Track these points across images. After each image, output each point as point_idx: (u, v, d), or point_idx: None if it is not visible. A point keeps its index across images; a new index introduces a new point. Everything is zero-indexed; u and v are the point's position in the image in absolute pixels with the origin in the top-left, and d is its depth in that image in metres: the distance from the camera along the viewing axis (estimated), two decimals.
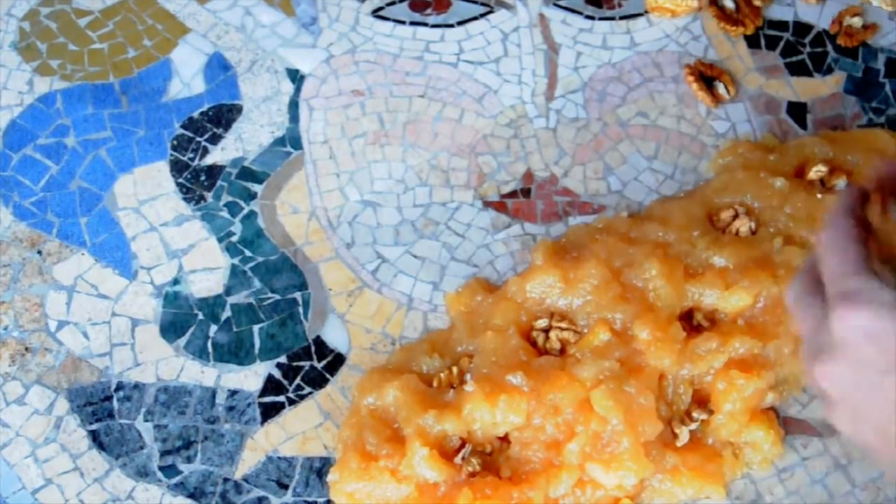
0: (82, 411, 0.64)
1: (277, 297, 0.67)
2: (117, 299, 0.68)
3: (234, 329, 0.66)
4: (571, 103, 0.75)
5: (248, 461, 0.62)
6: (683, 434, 0.60)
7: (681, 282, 0.62)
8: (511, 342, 0.61)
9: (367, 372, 0.63)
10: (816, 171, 0.68)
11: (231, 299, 0.67)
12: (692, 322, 0.63)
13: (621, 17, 0.80)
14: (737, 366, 0.60)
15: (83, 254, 0.69)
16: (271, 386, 0.64)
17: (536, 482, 0.57)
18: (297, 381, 0.64)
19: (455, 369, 0.61)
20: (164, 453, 0.62)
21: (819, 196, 0.66)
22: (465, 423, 0.58)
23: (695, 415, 0.61)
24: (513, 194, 0.71)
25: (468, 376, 0.60)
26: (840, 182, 0.68)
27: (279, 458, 0.62)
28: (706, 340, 0.61)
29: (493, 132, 0.74)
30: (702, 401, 0.61)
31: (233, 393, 0.64)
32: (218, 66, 0.78)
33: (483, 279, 0.67)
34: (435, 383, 0.61)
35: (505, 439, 0.59)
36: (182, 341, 0.66)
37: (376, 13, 0.80)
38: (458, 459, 0.58)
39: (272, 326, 0.66)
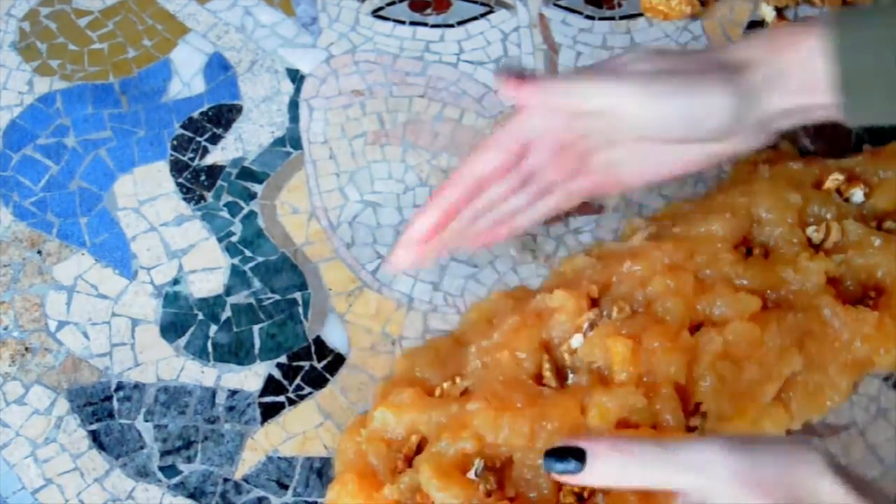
0: (82, 411, 0.64)
1: (277, 297, 0.67)
2: (117, 299, 0.68)
3: (234, 329, 0.66)
4: None
5: (248, 461, 0.62)
6: None
7: (689, 296, 0.61)
8: (524, 366, 0.60)
9: (380, 387, 0.62)
10: (833, 180, 0.67)
11: (231, 299, 0.67)
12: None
13: (621, 17, 0.80)
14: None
15: (83, 254, 0.69)
16: (271, 386, 0.64)
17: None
18: (297, 381, 0.65)
19: (459, 382, 0.61)
20: (164, 453, 0.62)
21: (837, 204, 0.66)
22: (478, 439, 0.57)
23: (692, 423, 0.58)
24: None
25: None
26: (857, 192, 0.67)
27: (279, 458, 0.62)
28: (702, 335, 0.59)
29: (493, 132, 0.74)
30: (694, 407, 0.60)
31: (233, 393, 0.64)
32: (218, 66, 0.78)
33: (506, 294, 0.66)
34: (437, 392, 0.61)
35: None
36: (182, 341, 0.66)
37: (376, 13, 0.80)
38: (471, 475, 0.56)
39: (272, 326, 0.66)
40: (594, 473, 0.46)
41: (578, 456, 0.46)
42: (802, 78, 0.55)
